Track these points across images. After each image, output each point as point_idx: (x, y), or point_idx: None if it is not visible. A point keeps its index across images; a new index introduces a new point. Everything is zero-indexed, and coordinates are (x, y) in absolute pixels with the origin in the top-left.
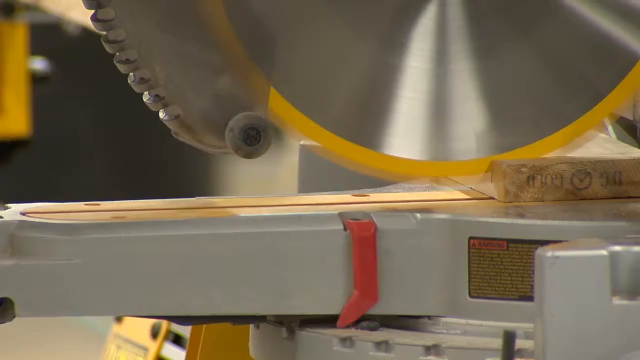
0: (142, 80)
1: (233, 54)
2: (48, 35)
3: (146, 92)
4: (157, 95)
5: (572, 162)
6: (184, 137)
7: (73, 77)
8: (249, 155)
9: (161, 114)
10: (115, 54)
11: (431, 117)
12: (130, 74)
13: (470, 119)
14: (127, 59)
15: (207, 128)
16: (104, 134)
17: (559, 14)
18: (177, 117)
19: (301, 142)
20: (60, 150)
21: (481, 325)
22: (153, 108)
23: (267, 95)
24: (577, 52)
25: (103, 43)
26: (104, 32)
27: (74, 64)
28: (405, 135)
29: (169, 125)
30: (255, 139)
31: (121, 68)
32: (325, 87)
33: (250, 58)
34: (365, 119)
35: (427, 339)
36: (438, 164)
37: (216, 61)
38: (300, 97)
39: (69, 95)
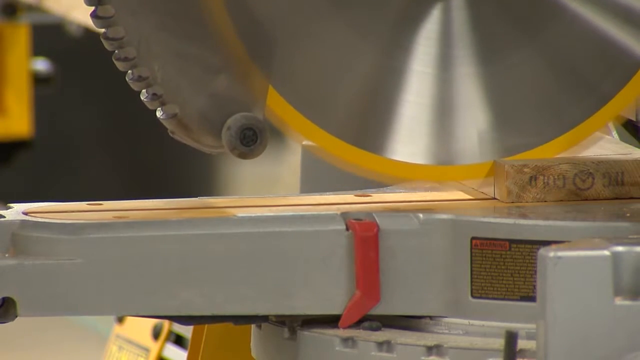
0: (140, 78)
1: (233, 54)
2: (50, 36)
3: (144, 90)
4: (154, 94)
5: (575, 163)
6: (180, 136)
7: (75, 78)
8: (245, 156)
9: (158, 113)
10: (114, 51)
11: (435, 121)
12: (129, 71)
13: (474, 123)
14: (126, 57)
15: (204, 127)
16: (106, 134)
17: (563, 18)
18: (174, 115)
19: (303, 143)
20: (62, 150)
21: (483, 325)
22: (150, 106)
23: (265, 96)
24: (581, 56)
25: (102, 40)
26: (104, 29)
27: (76, 64)
28: (409, 140)
29: (166, 123)
30: (252, 139)
31: (119, 65)
32: (327, 90)
33: (250, 58)
34: (369, 122)
35: (429, 339)
36: (442, 168)
37: (214, 61)
38: (302, 99)
39: (71, 95)
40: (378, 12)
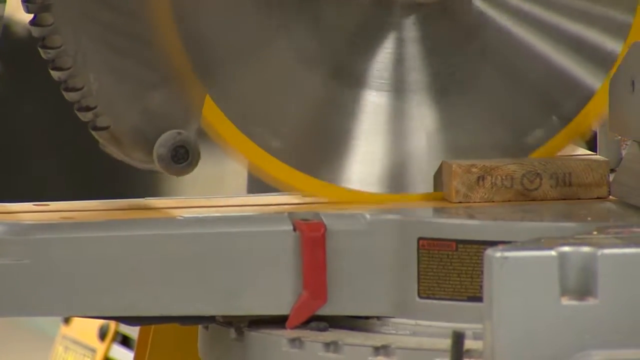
0: (75, 89)
1: (175, 67)
2: None
3: (77, 102)
4: (88, 106)
5: (523, 163)
6: (111, 150)
7: (21, 78)
8: (175, 173)
9: (90, 125)
10: (50, 60)
11: (390, 150)
12: (64, 82)
13: (429, 150)
14: (62, 67)
15: (136, 142)
16: (52, 135)
17: (517, 47)
18: (106, 128)
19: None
20: (8, 150)
21: (430, 326)
22: (83, 118)
23: (200, 115)
24: (539, 81)
25: (39, 48)
26: (42, 38)
27: (21, 64)
28: (363, 168)
29: (98, 136)
30: (184, 157)
31: (54, 75)
32: (272, 112)
33: (193, 72)
34: (319, 149)
35: (376, 340)
36: (395, 197)
37: (150, 77)
38: (245, 120)
39: (17, 95)
40: (329, 43)
